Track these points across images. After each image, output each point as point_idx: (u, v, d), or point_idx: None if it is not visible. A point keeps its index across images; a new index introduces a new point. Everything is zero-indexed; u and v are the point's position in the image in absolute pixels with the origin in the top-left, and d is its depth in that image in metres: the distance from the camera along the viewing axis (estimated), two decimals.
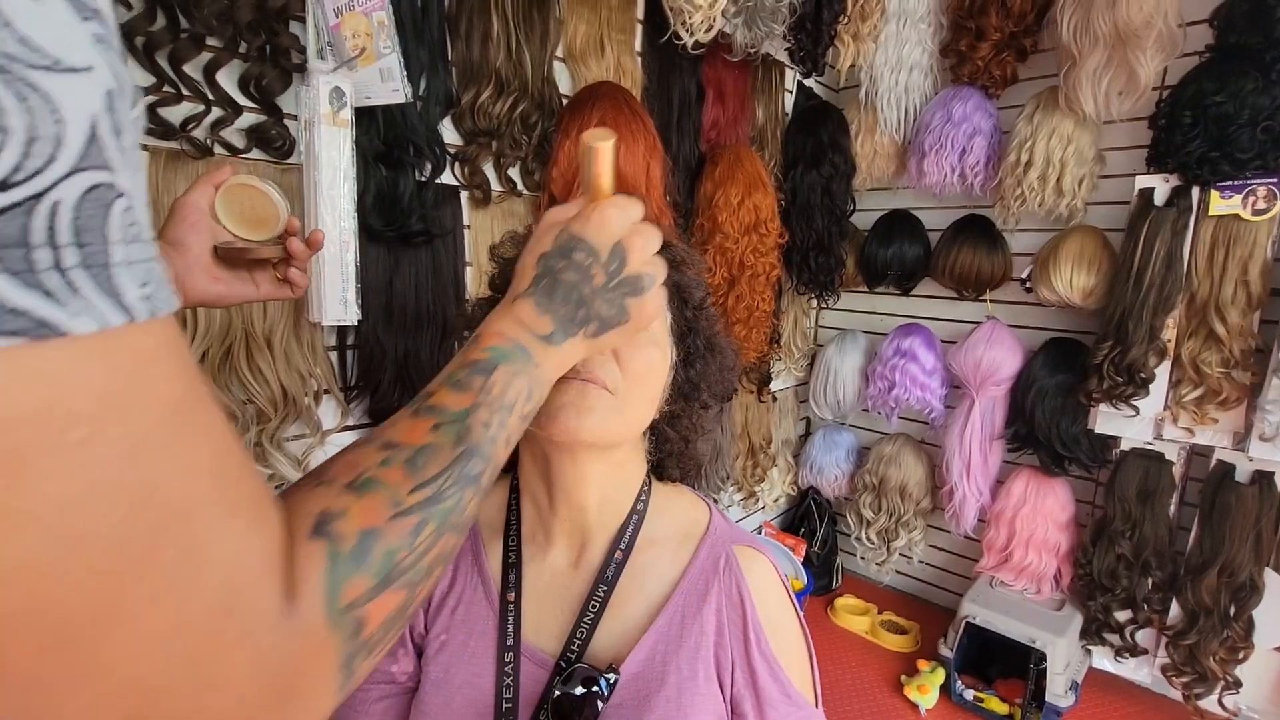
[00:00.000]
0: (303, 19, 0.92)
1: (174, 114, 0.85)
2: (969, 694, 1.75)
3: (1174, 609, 1.60)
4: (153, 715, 0.22)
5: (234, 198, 0.66)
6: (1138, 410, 1.58)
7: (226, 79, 0.89)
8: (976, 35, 1.75)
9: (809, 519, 2.35)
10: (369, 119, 1.01)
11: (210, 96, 0.88)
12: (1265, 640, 1.49)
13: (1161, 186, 1.53)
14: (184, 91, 0.86)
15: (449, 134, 1.19)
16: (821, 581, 2.29)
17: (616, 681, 0.52)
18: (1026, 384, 1.77)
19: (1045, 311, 1.86)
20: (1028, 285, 1.80)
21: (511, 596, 0.57)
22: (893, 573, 2.19)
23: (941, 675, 1.79)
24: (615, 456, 0.57)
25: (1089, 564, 1.69)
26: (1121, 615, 1.67)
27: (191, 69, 0.86)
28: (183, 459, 0.23)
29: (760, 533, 2.32)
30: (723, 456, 1.89)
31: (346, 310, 0.96)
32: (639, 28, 1.50)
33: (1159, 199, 1.53)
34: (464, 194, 1.23)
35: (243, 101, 0.92)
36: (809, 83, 2.07)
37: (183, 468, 0.22)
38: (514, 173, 1.30)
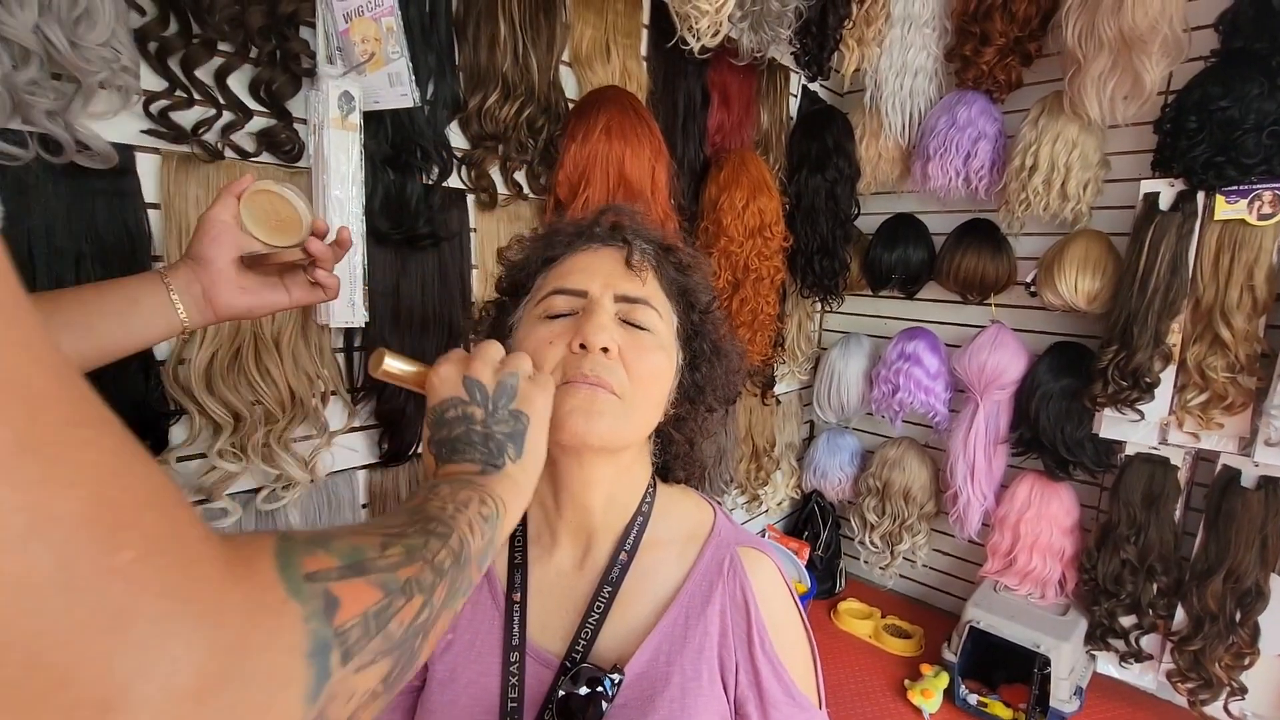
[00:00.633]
0: (313, 24, 0.93)
1: (186, 118, 0.87)
2: (973, 699, 1.75)
3: (1179, 614, 1.59)
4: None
5: (257, 204, 0.65)
6: (1143, 415, 1.58)
7: (237, 83, 0.91)
8: (981, 40, 1.75)
9: (812, 522, 2.35)
10: (377, 123, 1.02)
11: (221, 101, 0.89)
12: (1271, 646, 1.49)
13: (1167, 191, 1.53)
14: (196, 96, 0.87)
15: (456, 138, 1.19)
16: (825, 585, 2.29)
17: (621, 682, 0.52)
18: (1031, 388, 1.77)
19: (1050, 316, 1.86)
20: (1032, 289, 1.80)
21: (517, 597, 0.57)
22: (896, 577, 2.18)
23: (945, 680, 1.79)
24: (622, 459, 0.58)
25: (1093, 569, 1.68)
26: (1126, 620, 1.66)
27: (203, 74, 0.87)
28: None
29: (764, 536, 2.32)
30: (726, 459, 1.89)
31: (354, 312, 0.97)
32: (644, 32, 1.51)
33: (1164, 204, 1.53)
34: (470, 197, 1.24)
35: (253, 106, 0.93)
36: (814, 87, 2.08)
37: None
38: (520, 176, 1.31)
